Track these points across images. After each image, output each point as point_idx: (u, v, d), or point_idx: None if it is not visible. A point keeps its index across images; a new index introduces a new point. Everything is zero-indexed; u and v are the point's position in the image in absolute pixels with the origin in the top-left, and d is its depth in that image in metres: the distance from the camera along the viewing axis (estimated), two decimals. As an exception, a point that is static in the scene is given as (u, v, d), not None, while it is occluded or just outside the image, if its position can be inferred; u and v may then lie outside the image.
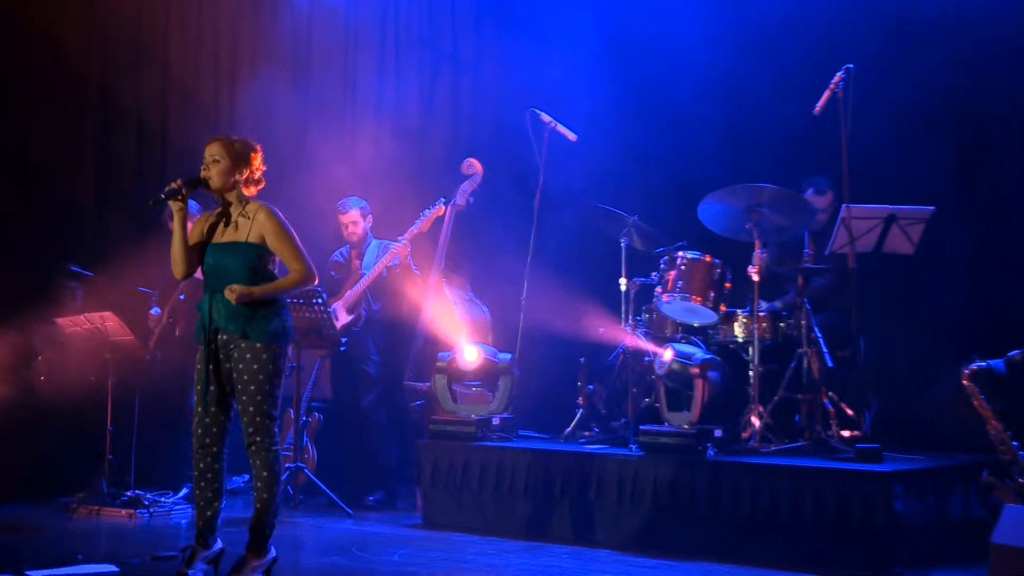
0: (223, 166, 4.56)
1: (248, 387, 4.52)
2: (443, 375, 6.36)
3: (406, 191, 7.07)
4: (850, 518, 5.11)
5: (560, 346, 6.86)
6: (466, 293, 6.83)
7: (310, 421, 6.84)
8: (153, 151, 7.94)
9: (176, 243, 4.59)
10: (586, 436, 6.29)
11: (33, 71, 7.78)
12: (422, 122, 7.63)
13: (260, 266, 4.60)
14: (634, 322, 6.32)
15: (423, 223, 6.77)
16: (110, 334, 6.47)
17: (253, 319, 4.54)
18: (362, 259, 6.94)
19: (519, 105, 6.88)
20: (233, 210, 4.63)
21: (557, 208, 6.98)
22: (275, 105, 7.53)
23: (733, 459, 5.51)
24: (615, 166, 7.02)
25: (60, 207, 7.77)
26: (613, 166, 7.02)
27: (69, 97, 7.89)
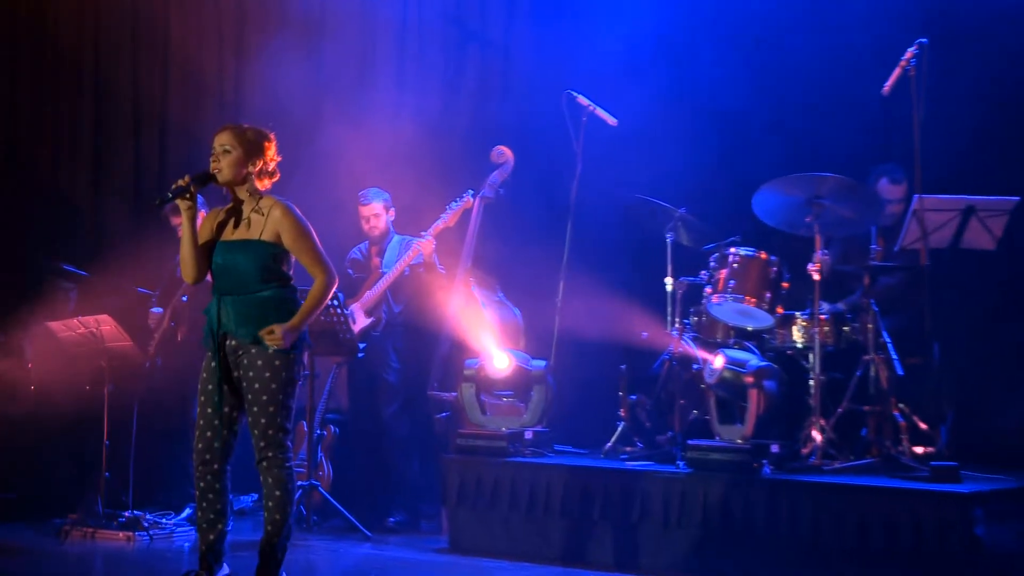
0: (234, 157, 4.57)
1: (259, 397, 4.53)
2: (471, 384, 6.38)
3: (430, 181, 7.07)
4: (925, 544, 5.07)
5: (599, 352, 6.86)
6: (496, 294, 6.83)
7: (325, 435, 6.85)
8: (152, 137, 7.98)
9: (186, 245, 4.61)
10: (628, 452, 6.29)
11: (18, 48, 7.84)
12: (448, 106, 7.62)
13: (273, 266, 4.60)
14: (681, 326, 6.31)
15: (450, 217, 6.77)
16: (106, 339, 6.50)
17: (265, 322, 4.54)
18: (383, 256, 6.95)
19: (554, 87, 6.90)
20: (245, 206, 4.64)
21: (596, 200, 6.96)
22: (285, 85, 7.55)
23: (792, 478, 5.49)
24: (660, 153, 6.99)
25: (50, 199, 7.83)
26: (657, 153, 6.99)
27: (59, 77, 7.95)
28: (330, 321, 6.36)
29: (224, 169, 4.56)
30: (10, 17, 7.81)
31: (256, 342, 4.53)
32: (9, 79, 7.94)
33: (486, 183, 6.88)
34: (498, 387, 6.43)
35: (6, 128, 7.87)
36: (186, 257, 4.61)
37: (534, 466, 6.03)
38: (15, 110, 7.90)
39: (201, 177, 4.58)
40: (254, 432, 4.57)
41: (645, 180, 6.84)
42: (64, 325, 6.55)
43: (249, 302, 4.57)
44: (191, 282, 4.68)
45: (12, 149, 7.84)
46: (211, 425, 4.59)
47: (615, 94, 6.92)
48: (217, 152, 4.58)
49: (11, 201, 7.74)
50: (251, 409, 4.55)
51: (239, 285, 4.58)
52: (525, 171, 7.05)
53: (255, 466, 4.60)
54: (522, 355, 6.45)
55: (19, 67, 7.92)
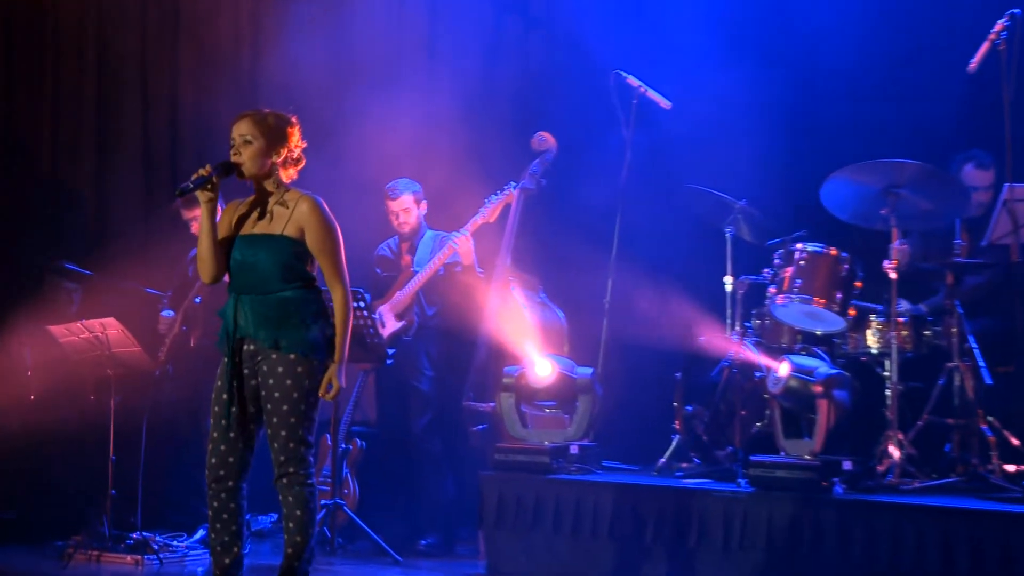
0: (256, 148, 4.58)
1: (280, 408, 4.53)
2: (510, 394, 6.38)
3: (465, 171, 7.05)
4: (1016, 573, 5.01)
5: (652, 358, 6.87)
6: (538, 295, 6.83)
7: (351, 449, 6.86)
8: (161, 119, 8.02)
9: (204, 240, 4.62)
10: (684, 468, 6.29)
11: (12, 19, 7.88)
12: (484, 88, 7.61)
13: (296, 265, 4.61)
14: (742, 329, 6.32)
15: (489, 211, 6.77)
16: (112, 344, 6.53)
17: (287, 326, 4.55)
18: (414, 254, 6.95)
19: (601, 67, 6.89)
20: (268, 198, 4.65)
21: (647, 191, 6.97)
22: (307, 62, 7.57)
23: (866, 498, 5.46)
24: (718, 139, 6.98)
25: (49, 189, 7.86)
26: (716, 139, 6.98)
27: (59, 56, 7.98)
28: (356, 324, 6.34)
29: (247, 162, 4.58)
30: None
31: (276, 347, 4.53)
32: (2, 54, 7.96)
33: (526, 173, 6.88)
34: (540, 397, 6.43)
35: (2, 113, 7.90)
36: (204, 254, 4.62)
37: (580, 484, 6.02)
38: (9, 89, 7.93)
39: (224, 167, 4.60)
40: (273, 446, 4.57)
41: (702, 168, 6.85)
42: (66, 329, 6.58)
43: (269, 303, 4.58)
44: (208, 282, 4.69)
45: (6, 133, 7.86)
46: (226, 438, 4.60)
47: (668, 74, 6.93)
48: (237, 143, 4.59)
49: (5, 191, 7.77)
50: (270, 421, 4.56)
51: (258, 283, 4.58)
52: (569, 159, 7.05)
53: (274, 483, 4.60)
54: (566, 361, 6.45)
55: (14, 40, 7.94)
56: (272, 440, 4.56)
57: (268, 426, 4.57)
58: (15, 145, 7.87)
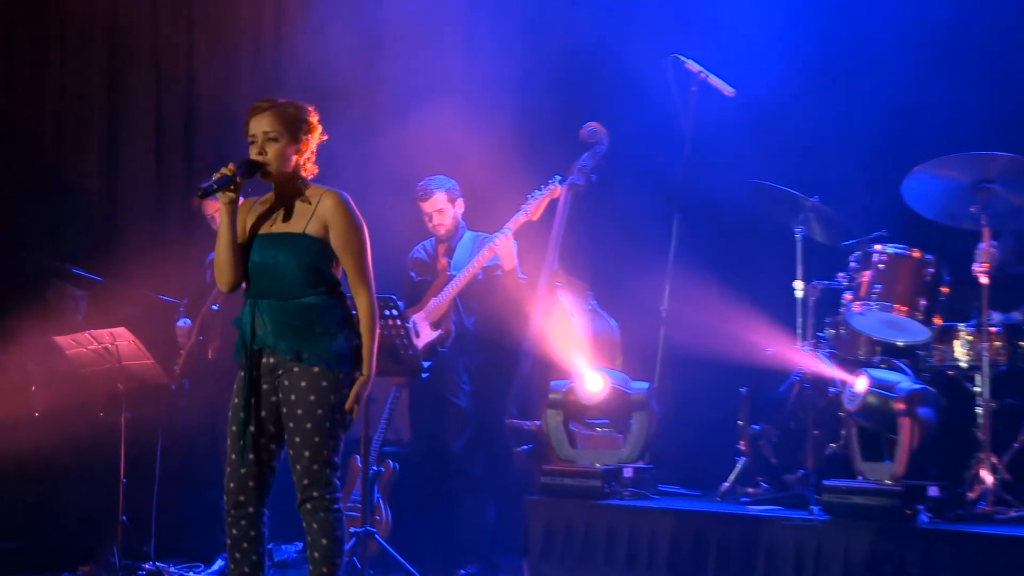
0: (281, 146, 4.59)
1: (302, 426, 4.52)
2: (558, 411, 6.37)
3: (508, 166, 7.04)
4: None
5: (713, 372, 6.83)
6: (588, 302, 6.80)
7: (382, 471, 6.86)
8: (176, 106, 8.05)
9: (223, 244, 4.61)
10: (750, 493, 6.29)
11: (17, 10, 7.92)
12: (528, 75, 7.60)
13: (320, 267, 4.59)
14: (814, 340, 6.29)
15: (532, 209, 6.73)
16: (123, 356, 6.56)
17: (310, 335, 4.54)
18: (451, 257, 6.95)
19: (658, 51, 6.88)
20: (290, 194, 4.64)
21: (708, 187, 6.93)
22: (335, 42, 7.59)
23: (955, 528, 5.42)
24: (787, 130, 6.99)
25: (54, 186, 7.90)
26: (784, 130, 7.00)
27: (66, 41, 8.02)
28: (388, 335, 6.32)
29: (272, 161, 4.58)
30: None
31: (298, 358, 4.52)
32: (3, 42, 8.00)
33: (575, 167, 6.86)
34: (591, 414, 6.42)
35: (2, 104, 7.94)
36: (222, 259, 4.62)
37: (635, 510, 6.02)
38: (10, 74, 7.96)
39: (248, 166, 4.59)
40: (296, 468, 4.55)
41: (769, 162, 6.85)
42: (73, 340, 6.61)
43: (290, 309, 4.56)
44: (227, 289, 4.69)
45: (7, 126, 7.90)
46: (244, 460, 4.59)
47: (731, 58, 6.92)
48: (260, 140, 4.58)
49: (6, 189, 7.81)
50: (292, 440, 4.55)
51: (278, 288, 4.57)
52: (622, 152, 7.01)
53: (297, 509, 4.59)
54: (620, 375, 6.43)
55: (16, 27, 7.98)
56: (295, 461, 4.55)
57: (290, 446, 4.56)
58: (17, 139, 7.90)
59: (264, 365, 4.58)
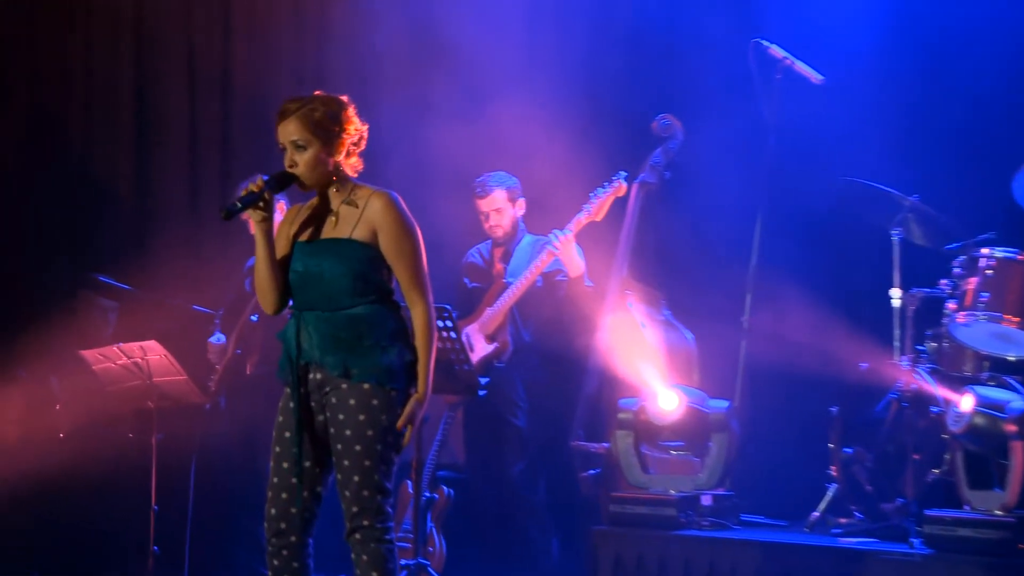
0: (312, 154, 4.58)
1: (351, 448, 4.50)
2: (628, 432, 6.36)
3: (571, 162, 7.03)
4: None
5: (801, 389, 6.83)
6: (661, 312, 6.78)
7: (436, 498, 6.85)
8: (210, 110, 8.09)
9: (261, 265, 4.62)
10: (843, 524, 6.25)
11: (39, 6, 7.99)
12: (592, 59, 7.57)
13: (370, 274, 4.58)
14: (914, 354, 6.25)
15: (595, 208, 6.71)
16: (154, 372, 6.60)
17: (359, 349, 4.53)
18: (509, 262, 6.95)
19: (738, 35, 6.87)
20: (334, 198, 4.64)
21: (794, 185, 6.93)
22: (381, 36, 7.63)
23: (1077, 564, 5.41)
24: (882, 122, 6.92)
25: (82, 189, 7.95)
26: (879, 122, 6.93)
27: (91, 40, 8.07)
28: (441, 348, 6.29)
29: (304, 171, 4.58)
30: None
31: (346, 375, 4.51)
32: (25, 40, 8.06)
33: (647, 164, 6.85)
34: (665, 435, 6.41)
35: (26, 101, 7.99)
36: (263, 282, 4.63)
37: (714, 542, 6.01)
38: (34, 79, 8.04)
39: (279, 180, 4.60)
40: (344, 494, 4.54)
41: (862, 157, 6.80)
42: (101, 355, 6.66)
43: (338, 321, 4.55)
44: (272, 312, 4.70)
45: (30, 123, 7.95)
46: (288, 485, 4.58)
47: (819, 42, 6.91)
48: (289, 150, 4.59)
49: (31, 195, 7.87)
50: (340, 464, 4.54)
51: (325, 299, 4.56)
52: (698, 147, 6.98)
53: (345, 539, 4.56)
54: (697, 393, 6.42)
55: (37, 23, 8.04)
56: (343, 487, 4.54)
57: (338, 470, 4.55)
58: (41, 140, 7.97)
59: (311, 382, 4.57)
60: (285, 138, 4.57)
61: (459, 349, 6.30)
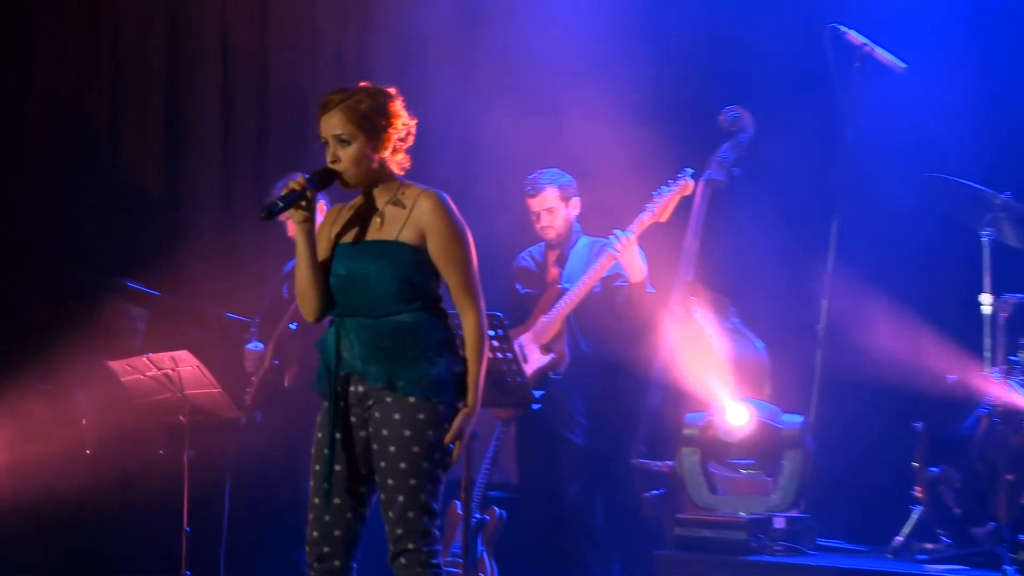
0: (356, 149, 4.57)
1: (395, 466, 4.49)
2: (694, 449, 6.39)
3: (630, 157, 7.00)
4: None
5: (882, 403, 6.80)
6: (729, 319, 6.78)
7: (487, 520, 6.83)
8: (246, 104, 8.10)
9: (303, 270, 4.62)
10: (929, 550, 6.23)
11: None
12: (653, 46, 7.54)
13: (417, 279, 4.57)
14: (1006, 365, 6.24)
15: (659, 208, 6.68)
16: (186, 384, 6.60)
17: (404, 359, 4.52)
18: (564, 266, 6.93)
19: (813, 20, 6.85)
20: (379, 197, 4.64)
21: (873, 182, 6.91)
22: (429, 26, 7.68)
23: None
24: (970, 112, 6.89)
25: (110, 191, 7.99)
26: (967, 113, 6.90)
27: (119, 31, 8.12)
28: (492, 359, 6.28)
29: (347, 168, 4.58)
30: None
31: (390, 387, 4.50)
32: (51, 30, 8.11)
33: (714, 160, 6.86)
34: (734, 453, 6.42)
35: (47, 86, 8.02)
36: (304, 287, 4.62)
37: (788, 568, 6.05)
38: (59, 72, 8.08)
39: (322, 176, 4.59)
40: (388, 515, 4.53)
41: (949, 152, 6.83)
42: (129, 365, 6.67)
43: (381, 329, 4.54)
44: (313, 320, 4.69)
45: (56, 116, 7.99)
46: (329, 506, 4.58)
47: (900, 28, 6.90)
48: (332, 145, 4.59)
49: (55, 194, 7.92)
50: (384, 483, 4.52)
51: (368, 304, 4.55)
52: (770, 141, 6.98)
53: (389, 563, 4.55)
54: (768, 407, 6.43)
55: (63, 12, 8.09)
56: (387, 508, 4.52)
57: (382, 490, 4.53)
58: (66, 135, 8.02)
59: (352, 394, 4.56)
60: (328, 132, 4.57)
61: (512, 360, 6.28)
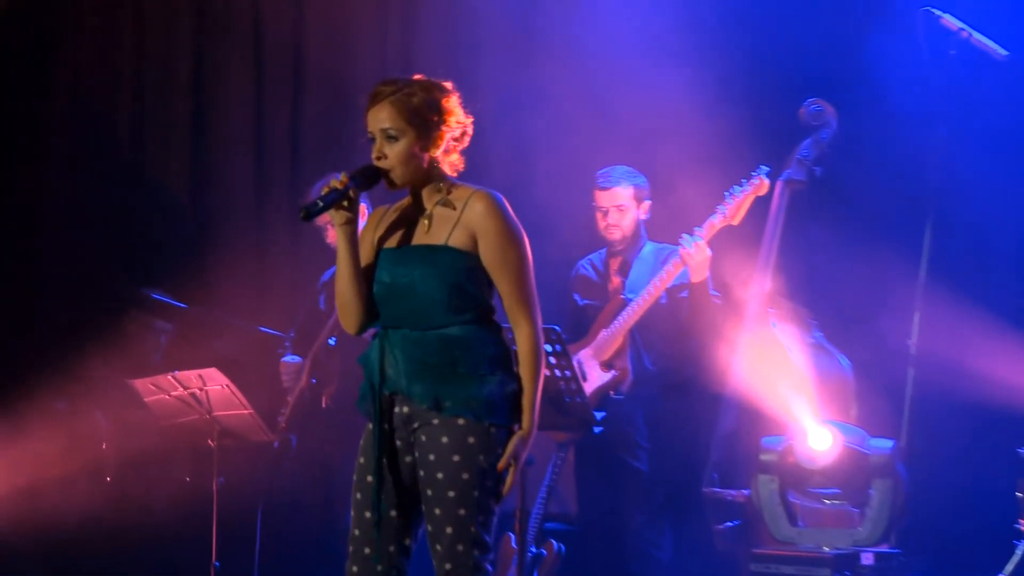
0: (405, 145, 4.56)
1: (443, 494, 4.48)
2: (772, 476, 6.39)
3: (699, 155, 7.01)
4: None
5: (981, 426, 6.81)
6: (811, 333, 6.75)
7: (544, 554, 6.82)
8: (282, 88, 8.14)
9: (344, 275, 4.60)
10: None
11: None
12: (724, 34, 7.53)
13: (468, 288, 4.55)
14: None
15: (731, 209, 6.67)
16: (214, 405, 6.63)
17: (453, 377, 4.50)
18: (627, 275, 6.93)
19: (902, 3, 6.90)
20: (427, 198, 4.63)
21: (970, 182, 6.88)
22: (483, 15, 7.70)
23: None
24: None
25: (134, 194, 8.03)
26: None
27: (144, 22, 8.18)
28: (549, 377, 6.27)
29: (394, 166, 4.57)
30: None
31: (438, 407, 4.49)
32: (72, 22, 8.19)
33: (793, 158, 6.83)
34: (817, 481, 6.40)
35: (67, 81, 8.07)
36: (345, 296, 4.61)
37: None
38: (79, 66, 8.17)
39: (366, 175, 4.56)
40: (435, 548, 4.51)
41: None
42: (153, 384, 6.70)
43: (429, 343, 4.53)
44: (355, 332, 4.68)
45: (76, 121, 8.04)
46: (370, 537, 4.57)
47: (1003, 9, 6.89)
48: (378, 140, 4.58)
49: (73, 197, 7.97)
50: (431, 513, 4.51)
51: (415, 315, 4.54)
52: (854, 137, 6.96)
53: (437, 602, 4.59)
54: (855, 430, 6.40)
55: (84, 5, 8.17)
56: (434, 540, 4.50)
57: (429, 521, 4.52)
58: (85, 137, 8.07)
59: (397, 416, 4.54)
60: (375, 125, 4.55)
61: (570, 378, 6.30)
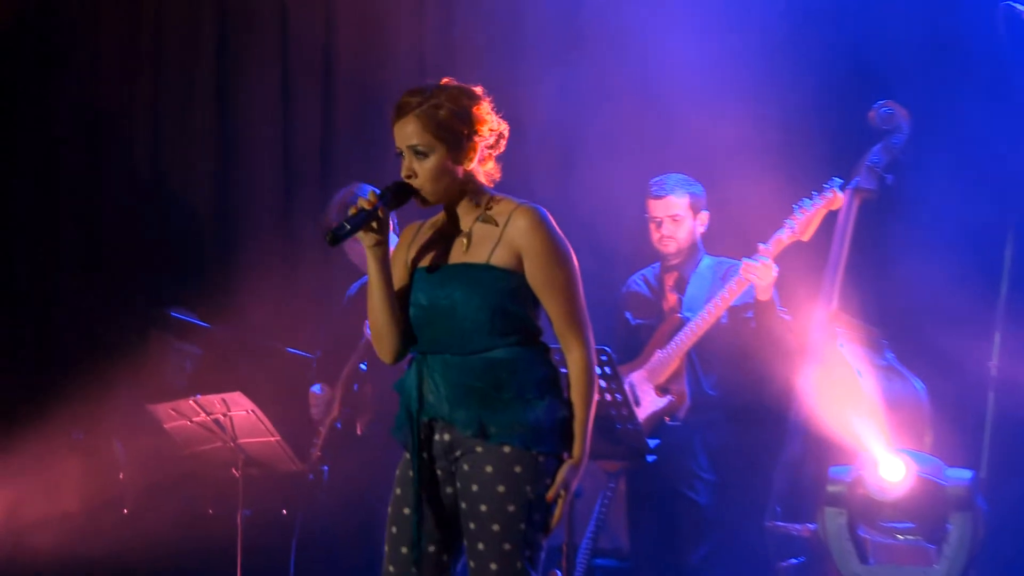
0: (435, 163, 4.56)
1: (487, 527, 4.48)
2: (841, 510, 6.36)
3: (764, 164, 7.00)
4: None
5: None
6: (882, 355, 6.70)
7: (594, 593, 6.79)
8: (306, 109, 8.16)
9: (378, 301, 4.62)
10: None
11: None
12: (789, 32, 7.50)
13: (512, 309, 4.55)
14: None
15: (800, 224, 6.68)
16: (239, 432, 6.66)
17: (498, 402, 4.49)
18: (684, 292, 6.94)
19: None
20: (465, 215, 4.63)
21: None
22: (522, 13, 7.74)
23: None
24: None
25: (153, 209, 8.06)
26: None
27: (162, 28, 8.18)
28: (599, 402, 6.24)
29: (425, 184, 4.58)
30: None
31: (482, 434, 4.48)
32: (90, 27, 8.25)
33: (862, 165, 6.81)
34: (889, 516, 6.37)
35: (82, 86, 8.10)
36: (378, 323, 4.63)
37: None
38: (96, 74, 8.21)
39: (396, 193, 4.58)
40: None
41: None
42: (174, 410, 6.72)
43: (471, 368, 4.53)
44: (390, 360, 4.70)
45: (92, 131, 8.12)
46: (407, 574, 4.57)
47: None
48: (407, 157, 4.58)
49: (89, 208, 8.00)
50: (474, 547, 4.51)
51: (456, 339, 4.53)
52: (931, 142, 6.94)
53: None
54: (930, 460, 6.38)
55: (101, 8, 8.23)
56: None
57: (471, 556, 4.51)
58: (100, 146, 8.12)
59: (437, 444, 4.53)
60: (403, 142, 4.56)
61: (622, 403, 6.27)
